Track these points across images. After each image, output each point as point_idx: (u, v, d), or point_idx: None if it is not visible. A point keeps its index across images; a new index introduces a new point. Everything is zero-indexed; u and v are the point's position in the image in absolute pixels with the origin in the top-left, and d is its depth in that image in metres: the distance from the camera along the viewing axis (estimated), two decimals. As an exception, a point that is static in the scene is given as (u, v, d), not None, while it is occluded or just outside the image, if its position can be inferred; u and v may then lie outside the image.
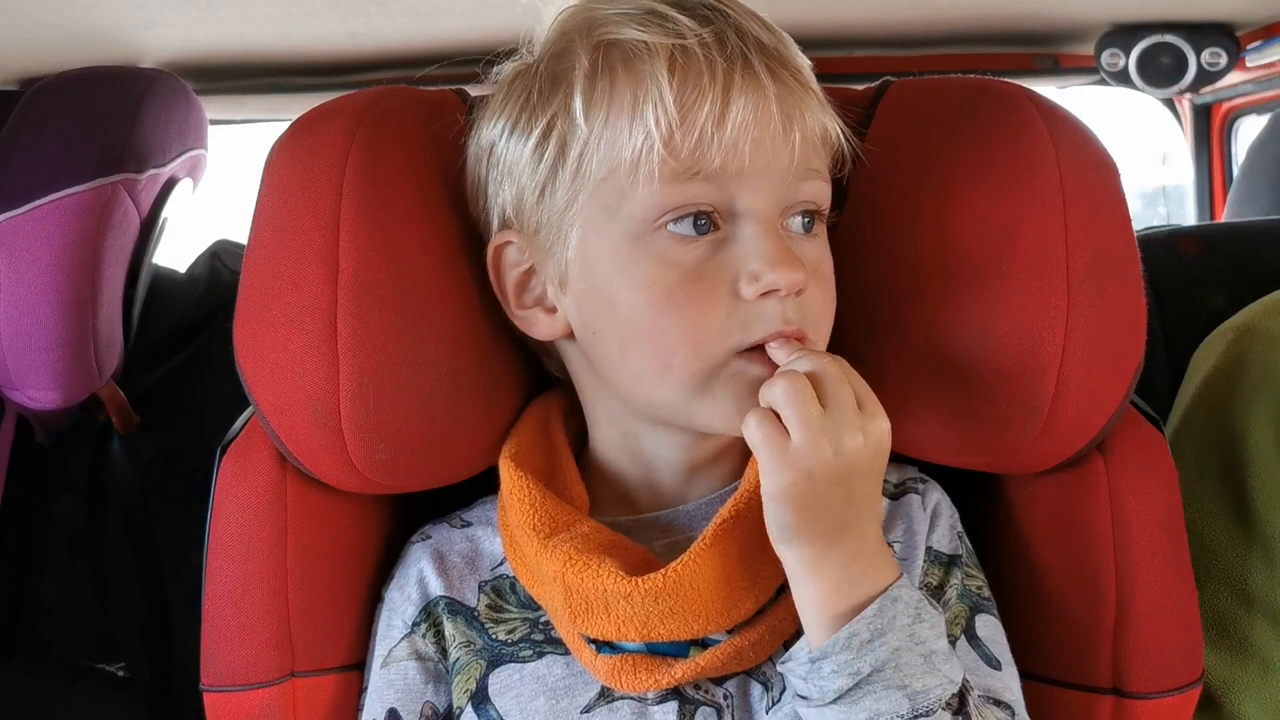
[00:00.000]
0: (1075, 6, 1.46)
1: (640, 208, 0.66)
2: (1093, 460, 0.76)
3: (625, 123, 0.66)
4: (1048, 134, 0.73)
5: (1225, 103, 1.79)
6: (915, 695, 0.62)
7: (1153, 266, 0.78)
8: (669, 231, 0.66)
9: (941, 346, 0.73)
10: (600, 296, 0.69)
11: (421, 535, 0.78)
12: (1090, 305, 0.71)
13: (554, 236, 0.69)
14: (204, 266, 1.33)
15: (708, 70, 0.65)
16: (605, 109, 0.66)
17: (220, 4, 1.20)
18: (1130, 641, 0.75)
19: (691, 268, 0.66)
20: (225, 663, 0.73)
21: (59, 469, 1.18)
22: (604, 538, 0.70)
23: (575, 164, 0.67)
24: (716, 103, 0.64)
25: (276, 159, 0.72)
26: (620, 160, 0.66)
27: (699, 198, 0.66)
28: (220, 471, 0.74)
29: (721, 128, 0.64)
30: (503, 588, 0.74)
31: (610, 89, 0.66)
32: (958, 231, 0.73)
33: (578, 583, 0.68)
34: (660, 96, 0.64)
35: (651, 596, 0.67)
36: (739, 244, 0.67)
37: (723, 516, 0.69)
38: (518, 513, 0.71)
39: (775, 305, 0.66)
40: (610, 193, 0.67)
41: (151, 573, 1.18)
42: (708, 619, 0.68)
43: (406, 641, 0.74)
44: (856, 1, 1.36)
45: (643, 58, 0.66)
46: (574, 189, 0.68)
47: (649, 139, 0.65)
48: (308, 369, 0.69)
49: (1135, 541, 0.75)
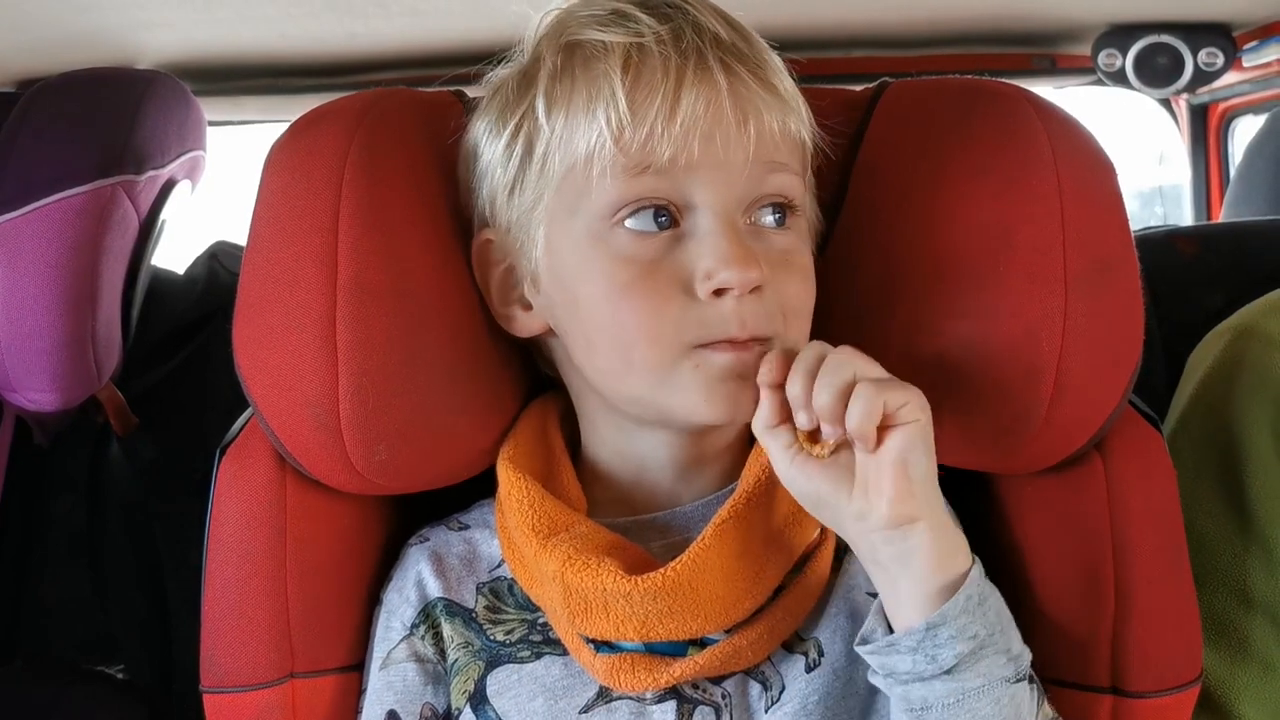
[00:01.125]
0: (1072, 7, 1.46)
1: (597, 204, 0.67)
2: (1091, 459, 0.76)
3: (581, 120, 0.67)
4: (1045, 134, 0.73)
5: (1222, 103, 1.79)
6: (1016, 658, 0.65)
7: (1150, 266, 0.78)
8: (626, 228, 0.67)
9: (939, 347, 0.73)
10: (566, 293, 0.70)
11: (419, 538, 0.78)
12: (1088, 305, 0.71)
13: (524, 234, 0.71)
14: (202, 267, 1.33)
15: (661, 66, 0.65)
16: (565, 108, 0.67)
17: (219, 5, 1.20)
18: (1129, 640, 0.75)
19: (648, 262, 0.67)
20: (225, 664, 0.73)
21: (58, 470, 1.18)
22: (603, 538, 0.70)
23: (540, 162, 0.69)
24: (668, 98, 0.65)
25: (275, 160, 0.72)
26: (577, 157, 0.67)
27: (652, 192, 0.66)
28: (219, 472, 0.74)
29: (671, 122, 0.65)
30: (500, 589, 0.74)
31: (570, 88, 0.68)
32: (955, 232, 0.73)
33: (577, 582, 0.68)
34: (612, 94, 0.65)
35: (650, 596, 0.67)
36: (695, 240, 0.67)
37: (721, 517, 0.69)
38: (516, 514, 0.71)
39: (731, 304, 0.66)
40: (571, 190, 0.68)
41: (151, 573, 1.18)
42: (706, 618, 0.68)
43: (405, 643, 0.74)
44: (853, 1, 1.36)
45: (599, 57, 0.67)
46: (539, 187, 0.69)
47: (600, 136, 0.66)
48: (306, 370, 0.69)
49: (1134, 540, 0.75)
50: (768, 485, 0.70)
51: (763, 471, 0.71)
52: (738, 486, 0.71)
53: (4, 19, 1.17)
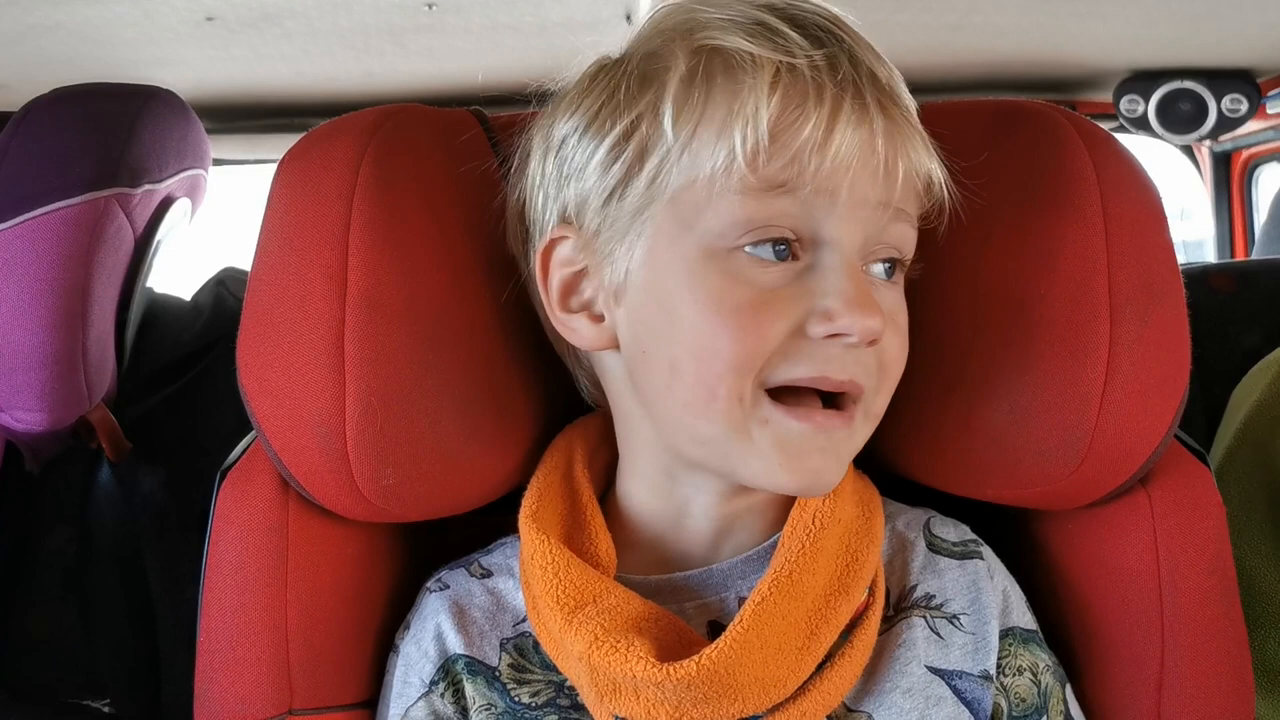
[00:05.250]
0: (1094, 52, 1.46)
1: (719, 222, 0.62)
2: (1136, 494, 0.73)
3: (713, 135, 0.61)
4: (1087, 153, 0.70)
5: (1245, 150, 1.78)
6: None
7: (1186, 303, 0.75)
8: (746, 253, 0.62)
9: (978, 374, 0.70)
10: (660, 310, 0.64)
11: (439, 584, 0.73)
12: (1134, 330, 0.68)
13: (616, 242, 0.65)
14: (209, 294, 1.31)
15: (815, 93, 0.61)
16: (696, 118, 0.62)
17: (234, 42, 1.20)
18: (1176, 690, 0.71)
19: (765, 288, 0.62)
20: (219, 698, 0.69)
21: (49, 499, 1.15)
22: (633, 610, 0.65)
23: (653, 172, 0.63)
24: (820, 126, 0.60)
25: (285, 171, 0.70)
26: (700, 173, 0.62)
27: (781, 218, 0.62)
28: (219, 496, 0.71)
29: (822, 152, 0.60)
30: (525, 646, 0.70)
31: (705, 97, 0.62)
32: (995, 254, 0.71)
33: (605, 665, 0.63)
34: (755, 112, 0.60)
35: (684, 685, 0.62)
36: (818, 276, 0.62)
37: (761, 594, 0.64)
38: (540, 582, 0.66)
39: (838, 350, 0.62)
40: (688, 205, 0.63)
41: (142, 609, 1.14)
42: (745, 701, 0.63)
43: (424, 701, 0.69)
44: (875, 46, 1.35)
45: (745, 69, 0.61)
46: (647, 196, 0.64)
47: (731, 154, 0.61)
48: (312, 388, 0.66)
49: (1182, 581, 0.72)
50: (813, 547, 0.66)
51: (807, 531, 0.66)
52: (779, 550, 0.66)
53: (18, 54, 1.18)
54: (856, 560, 0.67)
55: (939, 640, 0.69)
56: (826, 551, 0.66)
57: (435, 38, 1.23)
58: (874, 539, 0.69)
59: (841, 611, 0.66)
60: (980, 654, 0.69)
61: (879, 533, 0.70)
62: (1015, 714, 0.70)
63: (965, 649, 0.69)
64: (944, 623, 0.70)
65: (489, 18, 1.16)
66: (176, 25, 1.12)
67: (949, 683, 0.68)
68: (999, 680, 0.70)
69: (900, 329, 0.67)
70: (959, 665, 0.68)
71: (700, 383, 0.62)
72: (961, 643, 0.69)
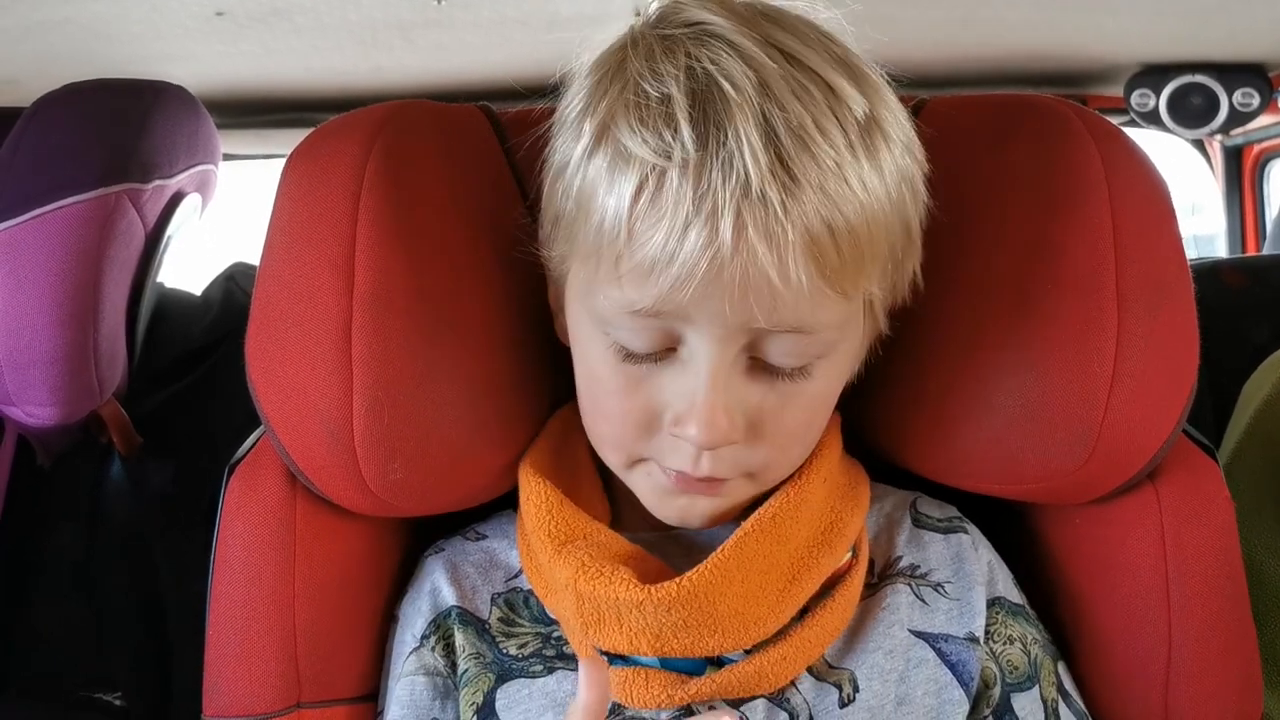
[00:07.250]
0: (1105, 46, 1.45)
1: (602, 300, 0.61)
2: (1143, 490, 0.72)
3: (595, 221, 0.60)
4: (1095, 148, 0.70)
5: (1256, 145, 1.77)
6: None
7: (1196, 298, 0.75)
8: (618, 342, 0.63)
9: (984, 367, 0.70)
10: (575, 348, 0.68)
11: (435, 549, 0.76)
12: (1142, 323, 0.68)
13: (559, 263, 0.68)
14: (219, 289, 1.31)
15: (674, 201, 0.57)
16: (586, 195, 0.61)
17: (243, 38, 1.20)
18: (1184, 686, 0.71)
19: (634, 377, 0.63)
20: (228, 692, 0.70)
21: (59, 494, 1.15)
22: (620, 547, 0.68)
23: (569, 225, 0.64)
24: (673, 236, 0.56)
25: (293, 167, 0.70)
26: (588, 251, 0.61)
27: (645, 323, 0.61)
28: (228, 491, 0.72)
29: (668, 269, 0.57)
30: (516, 601, 0.72)
31: (593, 178, 0.60)
32: (1002, 247, 0.71)
33: (589, 590, 0.65)
34: (617, 215, 0.58)
35: (664, 607, 0.64)
36: (683, 372, 0.62)
37: (745, 529, 0.66)
38: (533, 519, 0.69)
39: (691, 449, 0.63)
40: (587, 272, 0.63)
41: (151, 604, 1.15)
42: (724, 635, 0.65)
43: (414, 655, 0.71)
44: (881, 40, 1.35)
45: (622, 164, 0.59)
46: (565, 248, 0.65)
47: (605, 239, 0.59)
48: (320, 382, 0.66)
49: (1190, 577, 0.71)
50: (797, 497, 0.68)
51: (794, 490, 0.68)
52: (766, 502, 0.68)
53: (28, 50, 1.18)
54: (840, 519, 0.69)
55: (923, 605, 0.71)
56: (811, 504, 0.68)
57: (444, 32, 1.23)
58: (859, 504, 0.71)
59: (823, 563, 0.68)
60: (965, 618, 0.70)
61: (864, 500, 0.72)
62: (1010, 681, 0.70)
63: (950, 614, 0.70)
64: (928, 590, 0.71)
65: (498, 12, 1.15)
66: (186, 20, 1.12)
67: (933, 645, 0.69)
68: (989, 647, 0.70)
69: (803, 399, 0.64)
70: (943, 629, 0.70)
71: (592, 429, 0.69)
72: (946, 608, 0.71)
